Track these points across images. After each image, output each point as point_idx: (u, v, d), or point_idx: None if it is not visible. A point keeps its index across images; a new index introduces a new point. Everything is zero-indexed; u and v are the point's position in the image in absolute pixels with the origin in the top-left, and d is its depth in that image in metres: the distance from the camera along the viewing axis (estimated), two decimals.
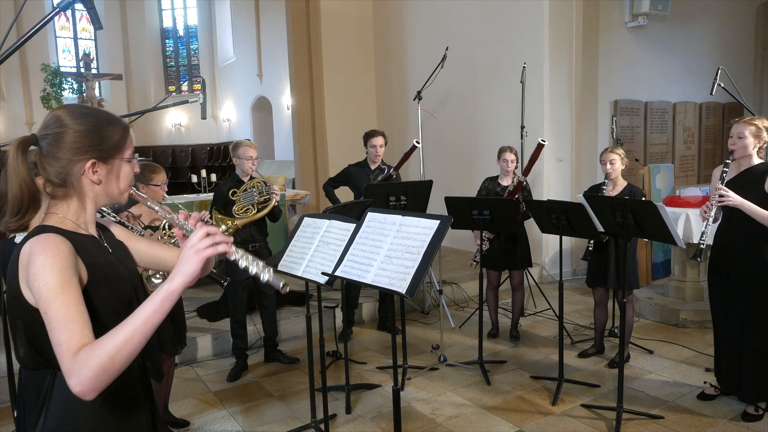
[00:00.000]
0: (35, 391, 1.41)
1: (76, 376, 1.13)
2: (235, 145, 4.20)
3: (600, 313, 4.30)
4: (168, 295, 1.21)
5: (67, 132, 1.32)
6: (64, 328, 1.18)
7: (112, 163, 1.39)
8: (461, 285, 5.98)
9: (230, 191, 4.06)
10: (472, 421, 3.48)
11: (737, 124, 3.26)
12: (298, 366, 4.39)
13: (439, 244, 2.05)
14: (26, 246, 1.27)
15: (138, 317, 1.19)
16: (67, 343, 1.16)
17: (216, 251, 1.26)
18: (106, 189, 1.40)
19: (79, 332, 1.18)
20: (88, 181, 1.36)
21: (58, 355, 1.17)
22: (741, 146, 3.22)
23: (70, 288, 1.23)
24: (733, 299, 3.35)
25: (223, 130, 16.85)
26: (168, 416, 3.51)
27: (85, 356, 1.14)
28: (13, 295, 1.30)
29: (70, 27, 17.07)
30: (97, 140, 1.35)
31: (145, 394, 1.49)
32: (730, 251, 3.31)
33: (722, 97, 5.87)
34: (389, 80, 8.97)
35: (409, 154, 5.02)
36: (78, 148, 1.32)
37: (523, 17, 6.62)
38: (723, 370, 3.48)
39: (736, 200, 3.10)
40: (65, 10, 6.50)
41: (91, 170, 1.35)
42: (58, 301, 1.20)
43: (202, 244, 1.25)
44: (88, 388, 1.14)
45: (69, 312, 1.20)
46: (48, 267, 1.22)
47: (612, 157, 4.05)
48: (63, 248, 1.27)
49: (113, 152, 1.38)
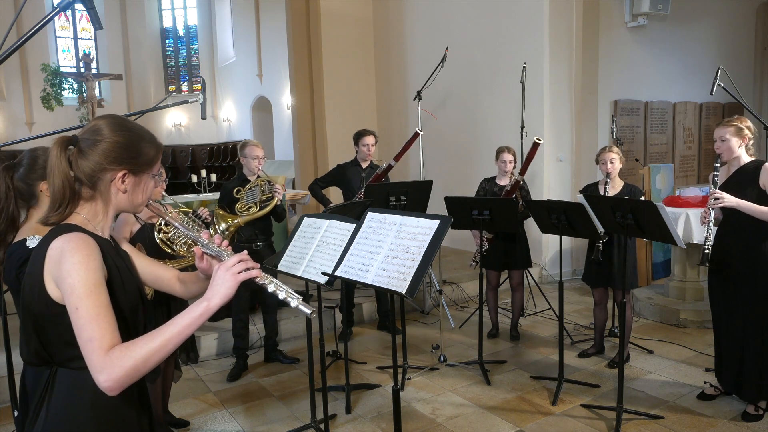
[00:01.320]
0: (36, 387, 1.43)
1: (108, 373, 1.21)
2: (242, 144, 4.22)
3: (599, 312, 4.30)
4: (206, 312, 1.31)
5: (104, 141, 1.39)
6: (96, 325, 1.24)
7: (141, 177, 1.46)
8: (461, 285, 5.98)
9: (235, 189, 4.09)
10: (472, 421, 3.48)
11: (717, 129, 3.32)
12: (298, 366, 4.39)
13: (439, 244, 2.05)
14: (57, 242, 1.31)
15: (174, 327, 1.28)
16: (99, 339, 1.23)
17: (249, 276, 1.35)
18: (130, 198, 1.47)
19: (111, 331, 1.25)
20: (115, 189, 1.43)
21: (88, 350, 1.23)
22: (726, 148, 3.27)
23: (102, 288, 1.30)
24: (734, 299, 3.36)
25: (223, 130, 16.85)
26: (168, 416, 3.50)
27: (119, 355, 1.22)
28: (32, 286, 1.34)
29: (70, 27, 17.08)
30: (133, 154, 1.43)
31: (138, 390, 1.51)
32: (730, 251, 3.31)
33: (722, 97, 5.88)
34: (389, 80, 8.97)
35: (410, 143, 4.99)
36: (114, 157, 1.40)
37: (523, 17, 6.62)
38: (724, 370, 3.48)
39: (732, 201, 3.12)
40: (65, 10, 6.51)
41: (120, 180, 1.42)
42: (91, 299, 1.26)
43: (237, 269, 1.34)
44: (117, 385, 1.22)
45: (101, 311, 1.26)
46: (83, 265, 1.28)
47: (612, 157, 4.05)
48: (95, 249, 1.33)
49: (145, 167, 1.47)
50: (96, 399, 1.34)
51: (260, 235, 4.24)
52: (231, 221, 3.95)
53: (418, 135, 5.03)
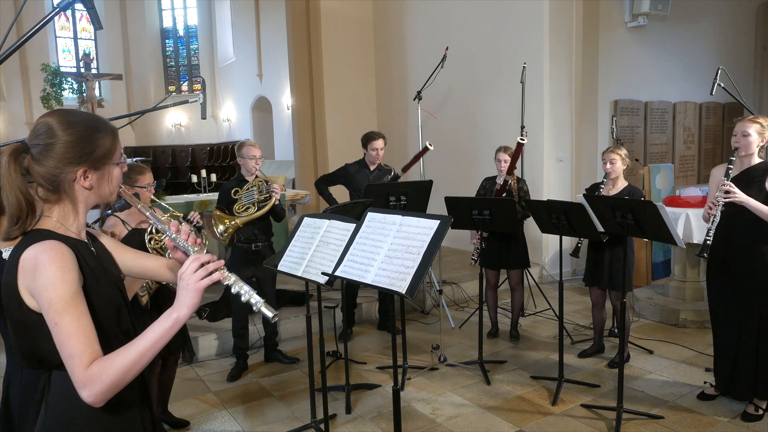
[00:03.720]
0: (33, 389, 1.43)
1: (90, 389, 1.23)
2: (240, 145, 4.21)
3: (597, 313, 4.31)
4: (176, 323, 1.31)
5: (57, 143, 1.33)
6: (76, 341, 1.24)
7: (103, 169, 1.41)
8: (461, 285, 5.98)
9: (233, 190, 4.08)
10: (472, 421, 3.47)
11: (741, 122, 3.26)
12: (298, 366, 4.39)
13: (439, 244, 2.05)
14: (29, 252, 1.28)
15: (147, 339, 1.28)
16: (80, 356, 1.23)
17: (212, 281, 1.32)
18: (97, 192, 1.43)
19: (90, 346, 1.25)
20: (80, 187, 1.38)
21: (70, 366, 1.24)
22: (745, 144, 3.22)
23: (80, 299, 1.28)
24: (732, 297, 3.36)
25: (223, 130, 16.85)
26: (168, 416, 3.50)
27: (98, 371, 1.23)
28: (9, 296, 1.31)
29: (70, 27, 17.07)
30: (88, 150, 1.36)
31: (140, 388, 1.51)
32: (729, 249, 3.32)
33: (722, 97, 5.87)
34: (389, 80, 8.97)
35: (419, 156, 4.97)
36: (70, 158, 1.34)
37: (523, 17, 6.62)
38: (718, 369, 3.49)
39: (742, 197, 3.09)
40: (65, 10, 6.50)
41: (82, 177, 1.37)
42: (69, 313, 1.25)
43: (197, 276, 1.31)
44: (100, 399, 1.25)
45: (80, 325, 1.25)
46: (59, 279, 1.25)
47: (612, 157, 4.05)
48: (70, 258, 1.30)
49: (104, 159, 1.40)
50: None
51: (260, 236, 4.23)
52: (229, 222, 3.94)
53: (427, 149, 4.90)
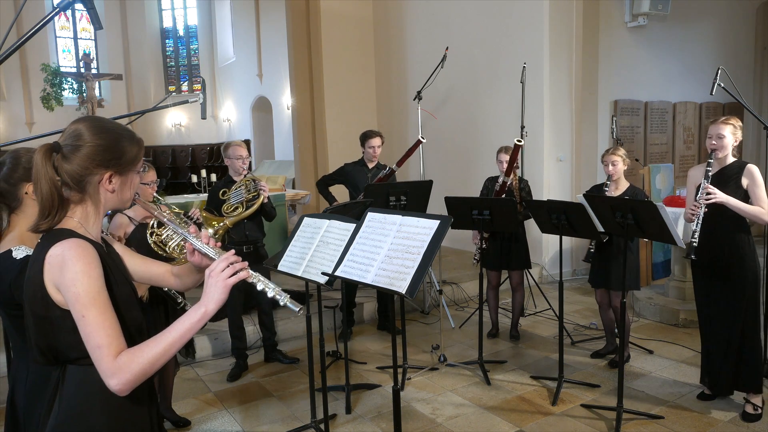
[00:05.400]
0: (45, 385, 1.46)
1: (118, 378, 1.29)
2: (225, 146, 4.20)
3: (604, 313, 4.30)
4: (204, 317, 1.39)
5: (88, 145, 1.40)
6: (103, 332, 1.30)
7: (127, 175, 1.50)
8: (461, 285, 5.98)
9: (221, 191, 4.07)
10: (472, 421, 3.48)
11: (715, 125, 3.35)
12: (298, 366, 4.39)
13: (439, 244, 2.05)
14: (56, 249, 1.34)
15: (176, 332, 1.36)
16: (108, 346, 1.30)
17: (239, 278, 1.41)
18: (119, 196, 1.50)
19: (117, 337, 1.32)
20: (103, 190, 1.46)
21: (97, 357, 1.30)
22: (722, 146, 3.32)
23: (105, 294, 1.35)
24: (713, 295, 3.42)
25: (223, 130, 16.84)
26: (171, 413, 3.51)
27: (127, 361, 1.30)
28: (34, 291, 1.37)
29: (70, 27, 17.06)
30: (117, 155, 1.45)
31: (149, 384, 1.54)
32: (710, 248, 3.35)
33: (722, 97, 5.87)
34: (389, 80, 8.97)
35: (413, 150, 5.01)
36: (99, 160, 1.42)
37: (523, 17, 6.62)
38: (705, 367, 3.54)
39: (722, 197, 3.20)
40: (65, 10, 6.50)
41: (108, 180, 1.45)
42: (96, 307, 1.31)
43: (226, 274, 1.40)
44: (127, 388, 1.31)
45: (106, 318, 1.32)
46: (86, 274, 1.33)
47: (614, 159, 4.05)
48: (95, 255, 1.37)
49: (130, 166, 1.50)
50: (107, 392, 1.37)
51: (252, 236, 4.21)
52: (218, 224, 3.86)
53: (420, 143, 5.03)
